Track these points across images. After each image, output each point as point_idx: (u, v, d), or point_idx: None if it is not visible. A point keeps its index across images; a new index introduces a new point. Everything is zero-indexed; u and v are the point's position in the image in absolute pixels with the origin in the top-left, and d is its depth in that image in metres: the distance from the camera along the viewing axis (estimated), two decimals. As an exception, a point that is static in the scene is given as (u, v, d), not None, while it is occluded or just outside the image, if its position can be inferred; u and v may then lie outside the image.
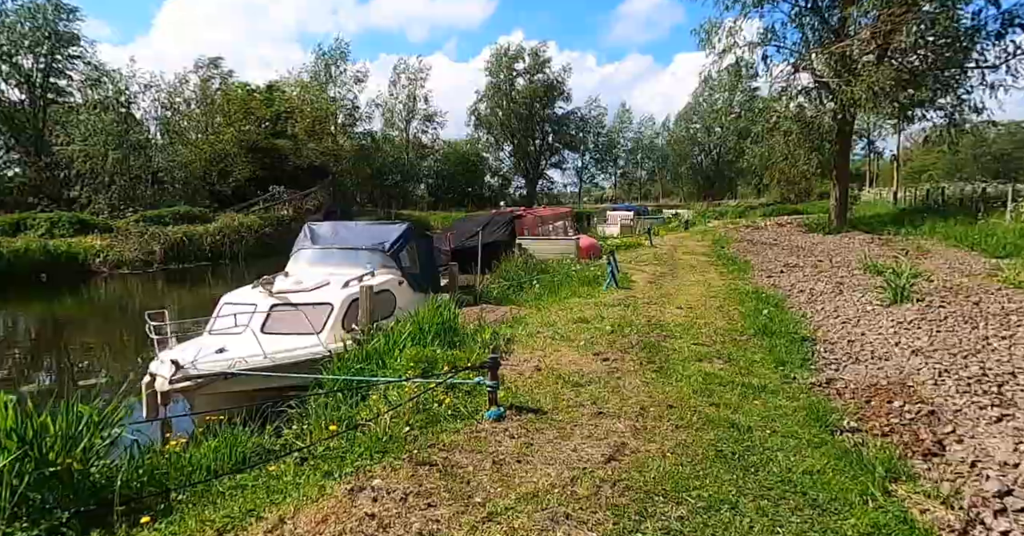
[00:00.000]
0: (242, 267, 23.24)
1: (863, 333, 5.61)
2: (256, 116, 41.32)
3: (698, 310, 7.46)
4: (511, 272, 11.00)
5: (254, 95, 44.95)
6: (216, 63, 45.99)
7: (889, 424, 3.55)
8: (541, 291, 9.83)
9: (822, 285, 8.59)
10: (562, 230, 19.31)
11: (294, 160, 42.35)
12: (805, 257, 12.81)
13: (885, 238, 15.93)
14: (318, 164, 44.67)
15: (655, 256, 14.41)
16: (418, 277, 8.25)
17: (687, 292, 9.00)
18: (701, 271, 11.58)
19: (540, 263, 12.12)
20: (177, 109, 37.73)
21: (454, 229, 14.35)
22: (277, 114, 43.07)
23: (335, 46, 51.14)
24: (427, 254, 8.76)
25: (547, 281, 10.32)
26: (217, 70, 46.16)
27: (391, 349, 5.04)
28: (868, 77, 15.81)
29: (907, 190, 27.72)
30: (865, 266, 10.24)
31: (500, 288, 9.70)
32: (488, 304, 8.61)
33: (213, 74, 46.03)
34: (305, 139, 42.29)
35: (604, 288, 9.45)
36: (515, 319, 7.29)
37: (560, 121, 63.08)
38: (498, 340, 5.57)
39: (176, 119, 42.41)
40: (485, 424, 3.54)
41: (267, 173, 39.97)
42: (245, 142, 39.92)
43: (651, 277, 10.82)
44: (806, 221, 23.79)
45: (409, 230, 8.26)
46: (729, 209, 44.09)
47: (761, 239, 17.88)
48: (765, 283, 9.49)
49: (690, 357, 5.20)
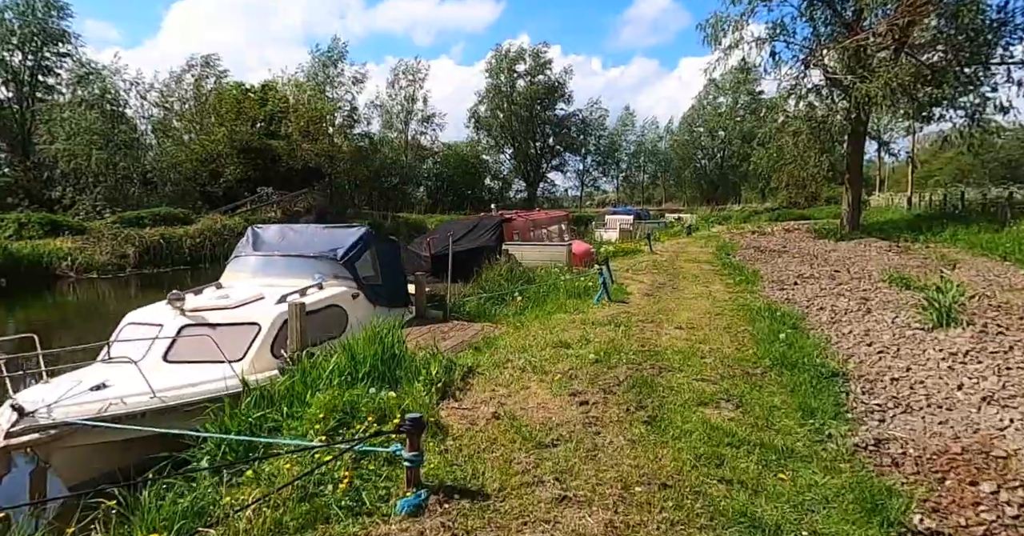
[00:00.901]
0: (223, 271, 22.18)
1: (908, 368, 4.49)
2: (249, 116, 40.43)
3: (701, 331, 6.34)
4: (493, 282, 9.89)
5: (249, 95, 44.08)
6: (210, 62, 45.24)
7: (983, 523, 2.44)
8: (524, 304, 8.72)
9: (845, 301, 7.46)
10: (557, 235, 18.23)
11: (288, 161, 41.42)
12: (819, 266, 11.68)
13: (903, 246, 14.78)
14: (313, 165, 43.77)
15: (655, 264, 13.30)
16: (379, 289, 7.16)
17: (689, 307, 7.89)
18: (705, 282, 10.46)
19: (527, 271, 11.02)
20: (168, 108, 36.76)
21: (437, 233, 13.26)
22: (271, 114, 42.16)
23: (333, 47, 50.27)
24: (391, 262, 7.66)
25: (532, 293, 9.20)
26: (211, 69, 45.44)
27: (310, 388, 3.94)
28: (885, 73, 14.71)
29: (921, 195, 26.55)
30: (890, 278, 9.11)
31: (477, 300, 8.59)
32: (460, 320, 7.51)
33: (207, 73, 45.31)
34: (299, 140, 41.31)
35: (595, 301, 8.34)
36: (485, 341, 6.18)
37: (561, 123, 62.12)
38: (452, 374, 4.47)
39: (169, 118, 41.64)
40: (393, 524, 2.44)
41: (260, 174, 39.04)
42: (237, 142, 39.03)
43: (649, 288, 9.71)
44: (815, 227, 22.65)
45: (369, 235, 7.16)
46: (733, 214, 42.98)
47: (769, 246, 16.75)
48: (777, 297, 8.38)
49: (691, 400, 4.09)
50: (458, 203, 59.62)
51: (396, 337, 4.68)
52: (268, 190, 30.48)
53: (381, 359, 4.33)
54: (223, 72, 46.05)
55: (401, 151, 57.25)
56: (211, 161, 37.86)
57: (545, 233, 17.12)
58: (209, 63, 45.35)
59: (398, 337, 4.71)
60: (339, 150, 47.40)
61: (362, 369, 4.18)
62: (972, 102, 16.41)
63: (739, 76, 49.23)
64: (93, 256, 18.51)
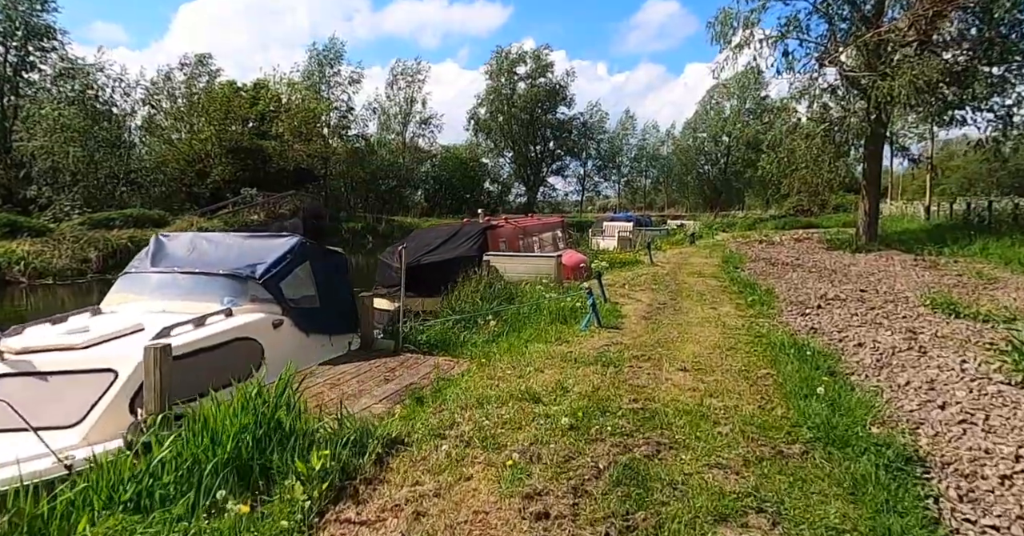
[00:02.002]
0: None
1: (1018, 455, 3.13)
2: (239, 115, 39.24)
3: (712, 375, 4.99)
4: (466, 300, 8.53)
5: (240, 93, 42.90)
6: (203, 61, 44.16)
7: None
8: (499, 329, 7.36)
9: (887, 334, 6.10)
10: (551, 243, 16.90)
11: (279, 162, 40.22)
12: (841, 283, 10.32)
13: (930, 260, 13.40)
14: (305, 167, 42.57)
15: (654, 277, 11.95)
16: (316, 313, 5.81)
17: (694, 337, 6.53)
18: (712, 301, 9.10)
19: (509, 287, 9.67)
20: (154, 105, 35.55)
21: (412, 241, 11.90)
22: (262, 114, 40.95)
23: (330, 46, 49.13)
24: (334, 279, 6.30)
25: (510, 315, 7.84)
26: (204, 68, 44.34)
27: (85, 508, 2.56)
28: (910, 69, 13.38)
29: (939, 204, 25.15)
30: (931, 301, 7.75)
31: (442, 325, 7.23)
32: (414, 352, 6.15)
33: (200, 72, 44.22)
34: (291, 140, 40.08)
35: (583, 327, 7.00)
36: (435, 386, 4.84)
37: (562, 127, 60.89)
38: (364, 454, 3.12)
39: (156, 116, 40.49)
40: None
41: (249, 175, 37.80)
42: (226, 142, 37.85)
43: (647, 309, 8.35)
44: (827, 237, 21.27)
45: (301, 246, 5.81)
46: (738, 221, 41.59)
47: (780, 258, 15.39)
48: (800, 325, 7.01)
49: (704, 510, 2.73)
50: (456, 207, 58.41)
51: (286, 397, 3.31)
52: (252, 191, 29.12)
53: (254, 436, 2.98)
54: (216, 71, 45.09)
55: (399, 153, 56.06)
56: (198, 161, 36.66)
57: (537, 241, 15.79)
58: (203, 62, 44.44)
59: (289, 396, 3.34)
60: (334, 151, 46.24)
61: (219, 456, 2.82)
62: (1003, 104, 15.09)
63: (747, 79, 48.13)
64: (51, 260, 17.21)
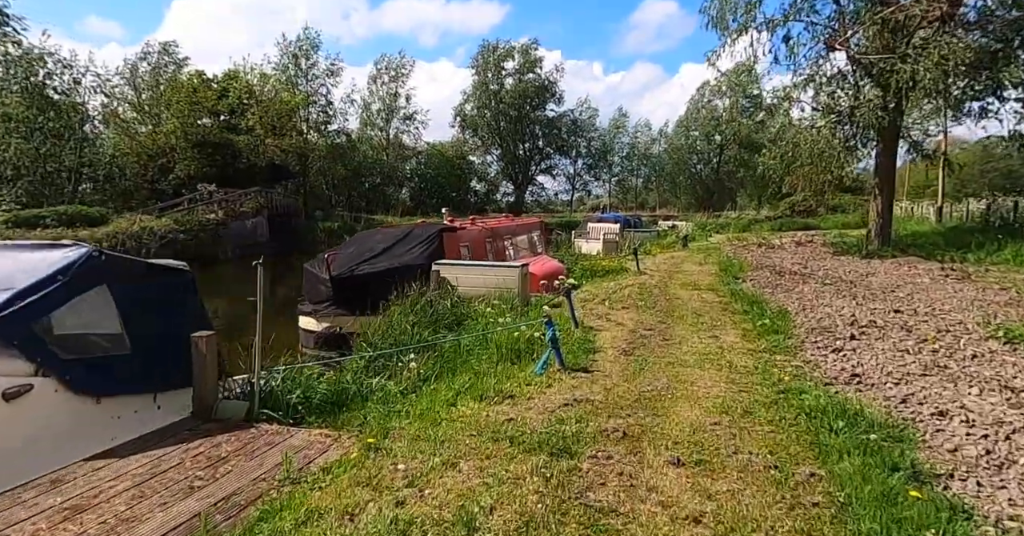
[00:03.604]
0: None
1: None
2: (205, 107, 36.93)
3: (723, 476, 3.07)
4: (396, 327, 6.53)
5: (211, 85, 40.56)
6: (168, 49, 41.81)
7: None
8: (425, 371, 5.39)
9: (973, 391, 4.20)
10: (527, 248, 14.94)
11: (250, 157, 37.97)
12: (867, 300, 8.47)
13: (958, 268, 11.61)
14: (279, 163, 40.33)
15: (641, 290, 10.04)
16: (113, 366, 3.82)
17: (692, 389, 4.63)
18: (711, 324, 7.21)
19: (460, 305, 7.72)
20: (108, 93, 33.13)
21: (351, 246, 9.88)
22: (233, 106, 38.62)
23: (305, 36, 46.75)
24: (156, 311, 4.28)
25: (447, 351, 5.86)
26: (169, 57, 42.00)
27: None
28: (938, 50, 11.59)
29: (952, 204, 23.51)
30: (1005, 333, 5.88)
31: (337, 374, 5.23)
32: (273, 422, 4.13)
33: (165, 61, 41.87)
34: (263, 134, 37.80)
35: (538, 370, 5.07)
36: (266, 503, 2.88)
37: (551, 124, 58.98)
38: None
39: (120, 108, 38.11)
40: None
41: (217, 171, 35.43)
42: (192, 135, 35.53)
43: (629, 338, 6.43)
44: (832, 240, 19.51)
45: (89, 261, 3.76)
46: (731, 222, 39.86)
47: (784, 265, 13.56)
48: (834, 368, 5.13)
49: None
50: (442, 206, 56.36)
51: None
52: (211, 187, 26.90)
53: None
54: (183, 60, 42.75)
55: (382, 150, 53.93)
56: (161, 156, 34.32)
57: (510, 246, 13.83)
58: (167, 50, 42.07)
59: None
60: (313, 147, 44.02)
61: None
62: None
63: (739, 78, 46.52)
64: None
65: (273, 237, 27.87)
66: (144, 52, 40.88)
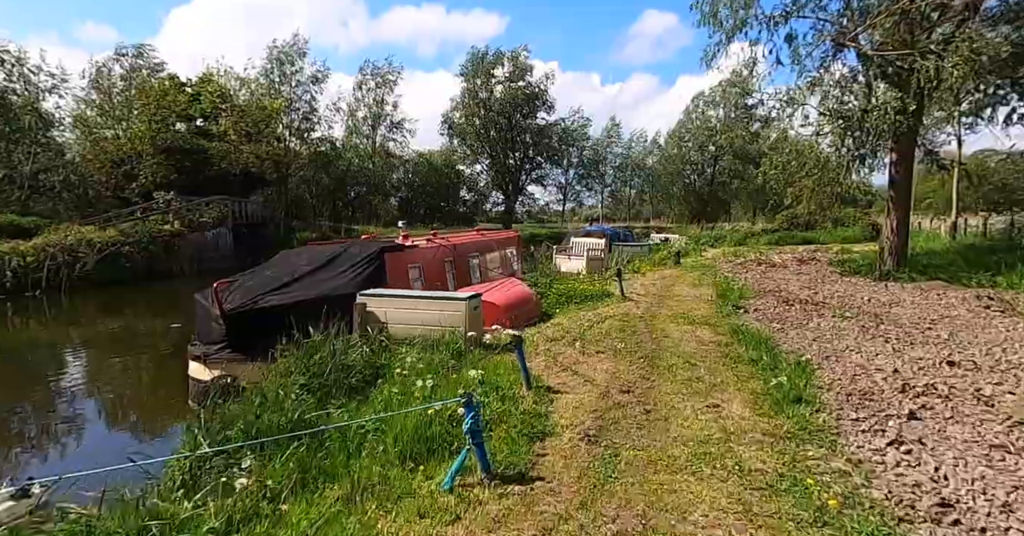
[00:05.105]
0: (63, 302, 16.76)
1: None
2: (174, 111, 35.12)
3: None
4: (270, 392, 4.71)
5: (184, 89, 38.82)
6: (142, 52, 40.08)
7: None
8: (273, 486, 3.54)
9: None
10: (497, 267, 13.17)
11: (222, 164, 36.08)
12: (906, 344, 6.72)
13: (996, 297, 9.91)
14: (255, 170, 38.49)
15: (623, 324, 8.26)
16: None
17: (682, 523, 2.83)
18: (709, 384, 5.42)
19: (380, 355, 5.90)
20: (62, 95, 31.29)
21: (266, 269, 8.05)
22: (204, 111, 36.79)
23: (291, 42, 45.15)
24: None
25: (334, 440, 4.03)
26: (143, 60, 40.24)
27: None
28: (967, 45, 10.02)
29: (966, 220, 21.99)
30: None
31: (180, 463, 3.40)
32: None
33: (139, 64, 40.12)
34: (236, 140, 35.99)
35: (445, 484, 3.26)
36: None
37: (542, 132, 57.55)
38: None
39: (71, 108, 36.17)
40: None
41: (187, 178, 33.55)
42: (160, 141, 33.70)
43: (597, 409, 4.64)
44: (837, 258, 17.85)
45: None
46: (726, 234, 38.29)
47: (790, 289, 11.83)
48: (900, 482, 3.35)
49: None
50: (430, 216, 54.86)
51: None
52: (168, 196, 25.01)
53: None
54: (158, 64, 41.01)
55: (367, 158, 52.26)
56: (124, 162, 32.39)
57: (478, 265, 12.06)
58: (142, 54, 40.33)
59: None
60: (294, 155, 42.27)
61: None
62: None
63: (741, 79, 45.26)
64: None
65: (239, 249, 25.94)
66: (117, 55, 39.10)
